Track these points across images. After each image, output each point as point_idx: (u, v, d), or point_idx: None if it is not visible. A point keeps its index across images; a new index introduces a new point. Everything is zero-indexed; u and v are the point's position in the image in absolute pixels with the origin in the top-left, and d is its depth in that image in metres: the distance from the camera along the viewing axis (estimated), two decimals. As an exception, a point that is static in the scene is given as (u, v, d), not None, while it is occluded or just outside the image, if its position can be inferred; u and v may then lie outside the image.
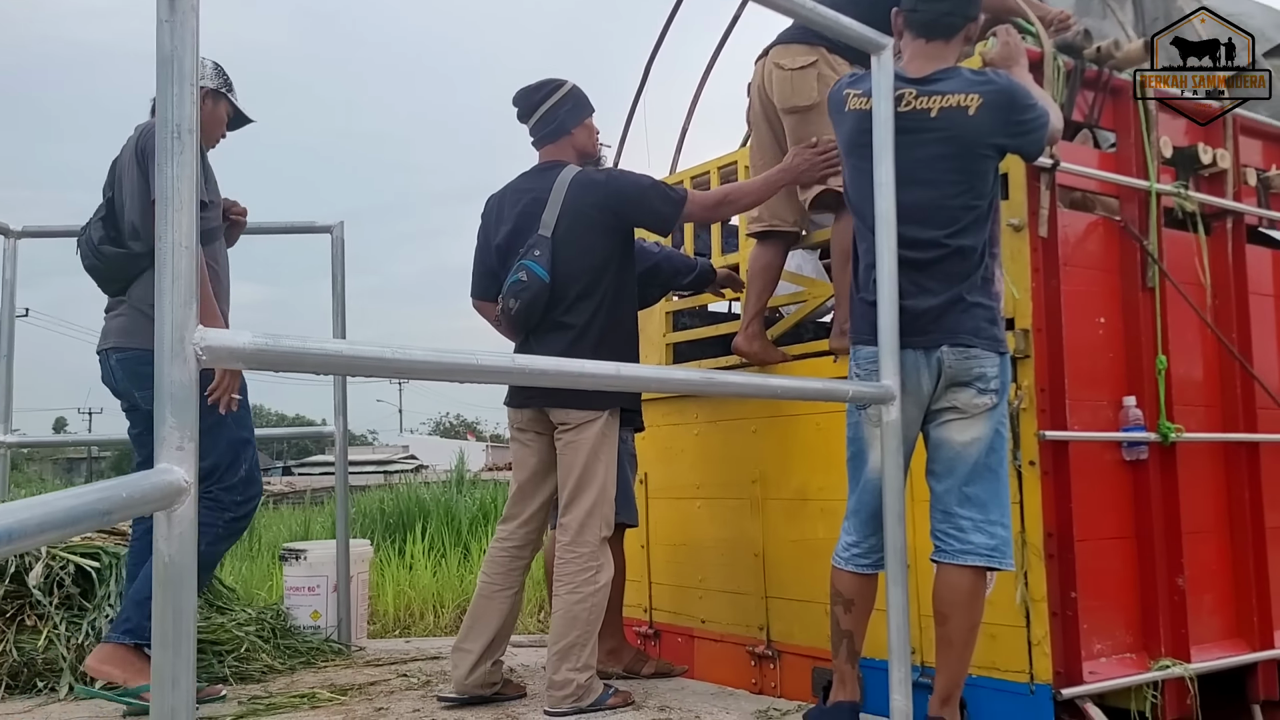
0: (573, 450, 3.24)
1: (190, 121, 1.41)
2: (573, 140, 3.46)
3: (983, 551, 2.73)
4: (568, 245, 3.28)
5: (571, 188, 3.32)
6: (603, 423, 3.24)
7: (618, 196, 3.32)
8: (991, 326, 2.79)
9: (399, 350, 1.60)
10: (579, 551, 3.19)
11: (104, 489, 1.22)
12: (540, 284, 3.23)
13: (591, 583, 3.17)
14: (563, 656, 3.13)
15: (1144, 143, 3.37)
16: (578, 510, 3.21)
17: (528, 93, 3.46)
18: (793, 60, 3.45)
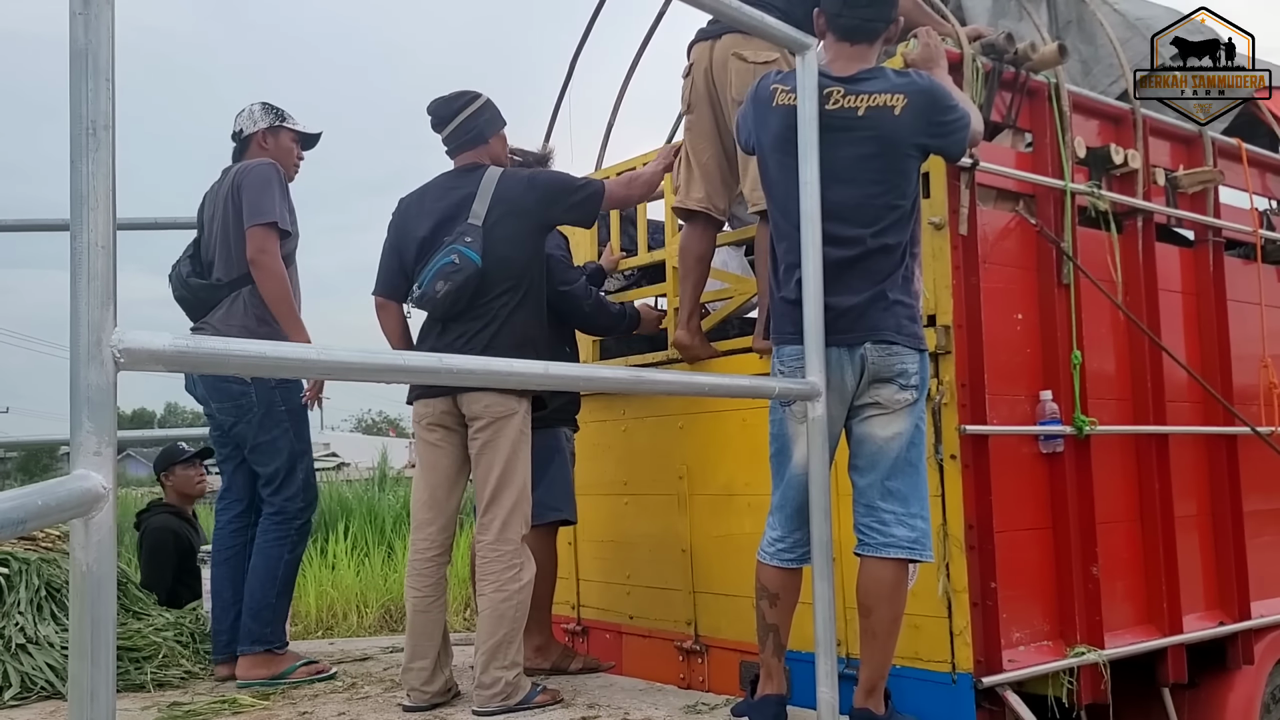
0: (491, 449, 3.21)
1: (106, 118, 1.36)
2: (489, 149, 3.48)
3: (905, 544, 2.78)
4: (498, 236, 3.28)
5: (502, 182, 3.34)
6: (520, 418, 3.22)
7: (545, 194, 3.35)
8: (912, 324, 2.84)
9: (324, 351, 1.57)
10: (503, 550, 3.17)
11: (18, 497, 1.17)
12: (473, 267, 3.21)
13: (516, 580, 3.17)
14: (491, 655, 3.11)
15: (1059, 143, 3.46)
16: (500, 509, 3.18)
17: (444, 103, 3.47)
18: (756, 54, 3.45)
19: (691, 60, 3.65)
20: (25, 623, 3.61)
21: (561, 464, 3.71)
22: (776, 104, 2.92)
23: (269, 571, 3.64)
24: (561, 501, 3.68)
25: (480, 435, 3.23)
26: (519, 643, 3.16)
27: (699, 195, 3.63)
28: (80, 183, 1.34)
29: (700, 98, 3.62)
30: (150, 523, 5.20)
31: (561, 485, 3.67)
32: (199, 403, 3.88)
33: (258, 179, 3.66)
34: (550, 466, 3.64)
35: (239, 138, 3.92)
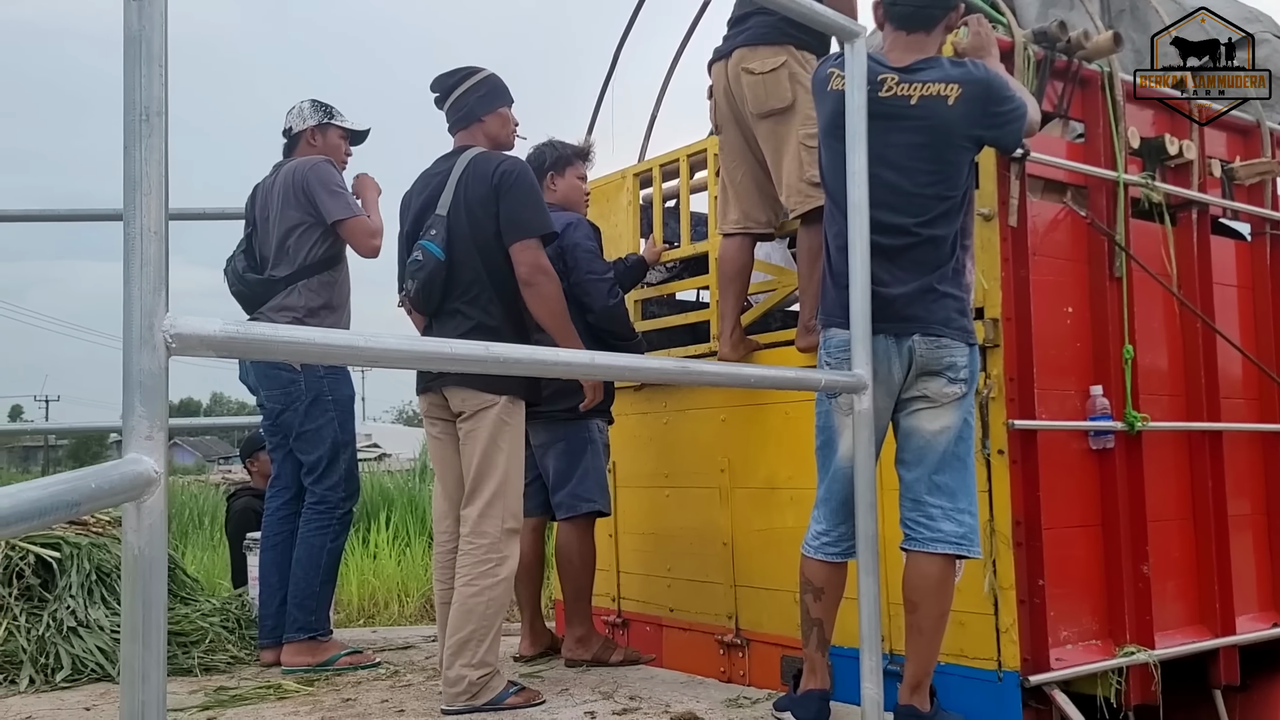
0: (472, 439, 3.15)
1: (159, 104, 1.37)
2: (484, 127, 3.39)
3: (952, 539, 2.75)
4: (460, 225, 3.21)
5: (468, 168, 3.26)
6: (499, 409, 3.13)
7: (500, 193, 3.21)
8: (961, 317, 2.81)
9: (372, 338, 1.57)
10: (477, 544, 3.09)
11: (72, 480, 1.18)
12: (435, 262, 3.16)
13: (489, 576, 3.07)
14: (456, 652, 3.03)
15: (1112, 133, 3.40)
16: (478, 501, 3.12)
17: (443, 78, 3.43)
18: (762, 64, 3.42)
19: (712, 82, 3.65)
20: (76, 606, 3.68)
21: (594, 455, 3.71)
22: (831, 88, 2.89)
23: (312, 560, 3.69)
24: (595, 493, 3.68)
25: (462, 427, 3.19)
26: (491, 641, 3.06)
27: (735, 217, 3.64)
28: (133, 168, 1.35)
29: (725, 118, 3.61)
30: (235, 505, 5.63)
31: (595, 477, 3.66)
32: (250, 391, 3.94)
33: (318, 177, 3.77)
34: (583, 458, 3.65)
35: (289, 135, 3.98)
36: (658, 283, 4.50)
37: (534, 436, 3.70)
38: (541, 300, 3.21)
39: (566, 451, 3.66)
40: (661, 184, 4.39)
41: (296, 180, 3.78)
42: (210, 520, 12.39)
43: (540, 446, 3.72)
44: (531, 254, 3.19)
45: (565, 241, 3.69)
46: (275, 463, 3.94)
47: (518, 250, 3.18)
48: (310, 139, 3.94)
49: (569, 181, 3.97)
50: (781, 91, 3.39)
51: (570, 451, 3.65)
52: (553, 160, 3.95)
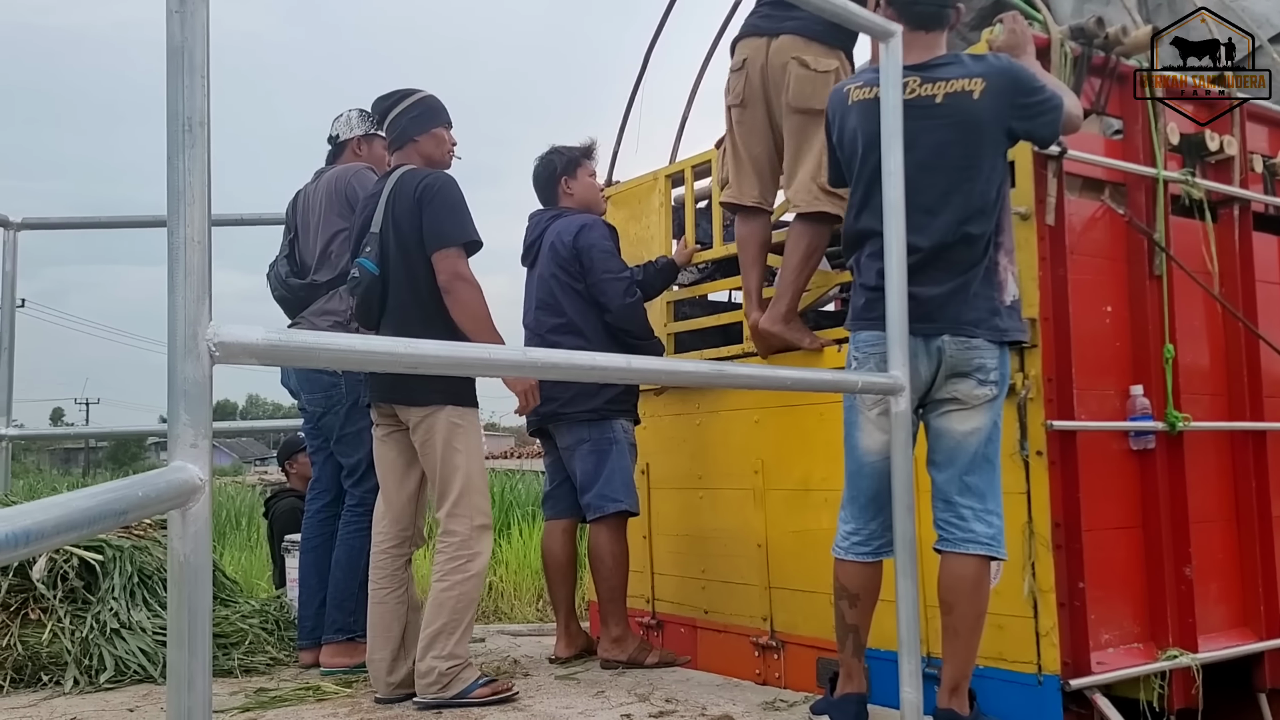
0: (429, 446, 3.24)
1: (201, 114, 1.38)
2: (418, 148, 3.43)
3: (984, 540, 2.73)
4: (393, 241, 3.29)
5: (396, 185, 3.34)
6: (445, 415, 3.22)
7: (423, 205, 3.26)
8: (993, 317, 2.78)
9: (411, 344, 1.58)
10: (448, 541, 3.20)
11: (119, 489, 1.20)
12: (370, 278, 3.26)
13: (460, 571, 3.17)
14: (429, 644, 3.14)
15: (1151, 130, 3.35)
16: (445, 503, 3.22)
17: (380, 101, 3.50)
18: (818, 61, 3.42)
19: (745, 55, 3.60)
20: (119, 608, 3.73)
21: (619, 455, 3.73)
22: (851, 102, 2.91)
23: (350, 562, 3.71)
24: (620, 493, 3.70)
25: (416, 437, 3.28)
26: (461, 634, 3.16)
27: (754, 193, 3.63)
28: (177, 179, 1.37)
29: (755, 94, 3.58)
30: (278, 507, 5.69)
31: (621, 477, 3.69)
32: (291, 395, 3.99)
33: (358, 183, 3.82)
34: (608, 459, 3.68)
35: (335, 142, 4.05)
36: (689, 284, 4.50)
37: (559, 439, 3.77)
38: (460, 307, 3.25)
39: (593, 452, 3.70)
40: (693, 185, 4.38)
41: (339, 186, 3.85)
42: (248, 521, 12.52)
43: (566, 449, 3.77)
44: (450, 262, 3.25)
45: (581, 242, 3.75)
46: (316, 465, 3.97)
47: (438, 259, 3.25)
48: (356, 148, 4.04)
49: (582, 182, 4.02)
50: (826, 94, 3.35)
51: (596, 452, 3.69)
52: (563, 165, 4.00)
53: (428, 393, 3.20)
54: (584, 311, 3.77)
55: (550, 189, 4.02)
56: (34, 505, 1.04)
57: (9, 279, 4.52)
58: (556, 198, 4.02)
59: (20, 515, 1.01)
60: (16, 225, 4.58)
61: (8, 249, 4.54)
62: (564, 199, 3.98)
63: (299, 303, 3.88)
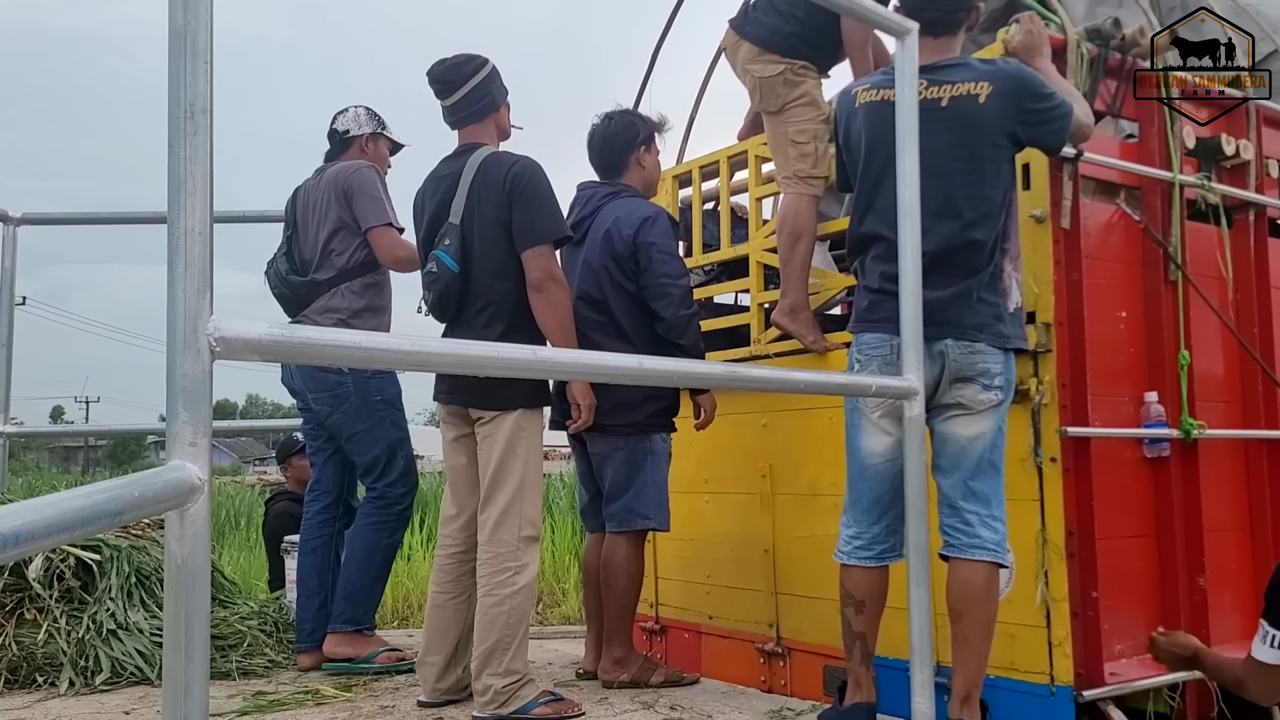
0: (489, 445, 3.09)
1: (204, 101, 1.34)
2: (498, 119, 3.27)
3: (990, 546, 2.69)
4: (477, 234, 3.11)
5: (479, 172, 3.12)
6: (517, 416, 3.07)
7: (514, 199, 3.11)
8: (997, 323, 2.74)
9: (418, 342, 1.53)
10: (494, 552, 3.03)
11: (115, 488, 1.15)
12: (450, 274, 3.08)
13: (508, 585, 3.00)
14: (484, 662, 2.99)
15: (1167, 133, 3.31)
16: (493, 508, 3.05)
17: (454, 67, 3.20)
18: (763, 69, 3.53)
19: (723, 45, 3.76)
20: (115, 609, 3.67)
21: (654, 468, 3.49)
22: (858, 104, 2.87)
23: (366, 555, 3.68)
24: (651, 509, 3.47)
25: (480, 431, 3.15)
26: (516, 649, 3.00)
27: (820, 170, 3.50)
28: (178, 167, 1.32)
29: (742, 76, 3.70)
30: (272, 509, 5.66)
31: (653, 491, 3.47)
32: (293, 395, 3.92)
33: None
34: (641, 471, 3.45)
35: (342, 137, 3.98)
36: (695, 285, 4.44)
37: (593, 445, 3.55)
38: (551, 308, 3.11)
39: (626, 462, 3.46)
40: (701, 186, 4.34)
41: (340, 183, 3.78)
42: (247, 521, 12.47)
43: (599, 456, 3.54)
44: (545, 260, 3.11)
45: (641, 238, 3.44)
46: (316, 466, 3.91)
47: (530, 256, 3.09)
48: (363, 146, 3.98)
49: (654, 158, 3.73)
50: (774, 98, 3.51)
51: (630, 462, 3.46)
52: (646, 133, 3.70)
53: (505, 396, 3.06)
54: (633, 315, 3.48)
55: (622, 157, 3.65)
56: (25, 505, 0.99)
57: (8, 274, 4.48)
58: (624, 168, 3.66)
59: (10, 516, 0.96)
60: (16, 220, 4.53)
61: (7, 244, 4.49)
62: (632, 172, 3.65)
63: (300, 300, 3.81)
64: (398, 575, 10.42)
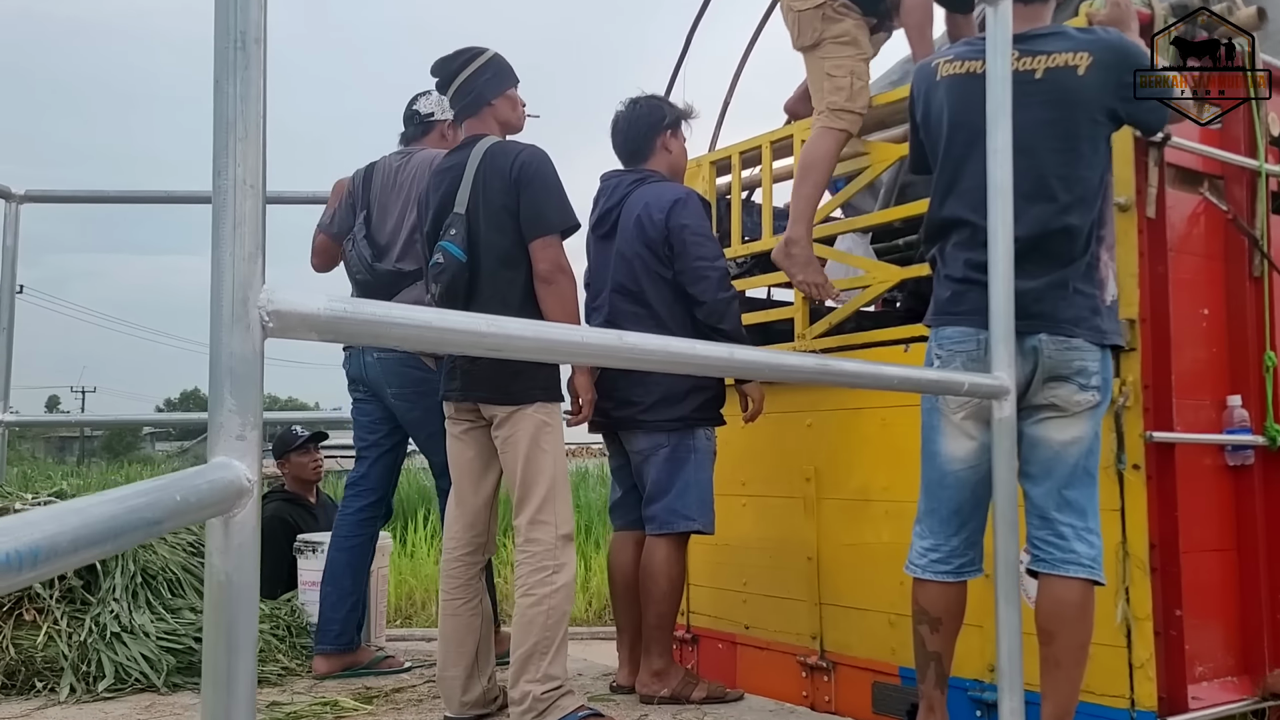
0: (512, 446, 2.93)
1: (257, 29, 1.12)
2: (494, 112, 3.15)
3: (1086, 562, 2.47)
4: (483, 223, 2.98)
5: (484, 160, 3.03)
6: (536, 409, 2.92)
7: (521, 187, 2.98)
8: (1094, 316, 2.52)
9: (494, 323, 1.32)
10: (531, 551, 2.89)
11: (151, 491, 0.94)
12: (457, 264, 2.95)
13: (547, 584, 2.85)
14: (521, 667, 2.82)
15: (1254, 119, 3.09)
16: (527, 509, 2.91)
17: (445, 62, 3.15)
18: (802, 3, 3.45)
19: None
20: (120, 610, 3.46)
21: (699, 467, 3.28)
22: (940, 77, 2.66)
23: None
24: (695, 510, 3.26)
25: (499, 433, 2.97)
26: (555, 654, 2.84)
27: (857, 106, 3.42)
28: (226, 107, 1.11)
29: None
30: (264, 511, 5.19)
31: (697, 491, 3.27)
32: (358, 385, 3.69)
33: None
34: (684, 469, 3.25)
35: (422, 120, 3.81)
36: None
37: (632, 444, 3.35)
38: (559, 300, 2.97)
39: (669, 459, 3.26)
40: (740, 173, 4.12)
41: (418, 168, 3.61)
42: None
43: (639, 453, 3.33)
44: (554, 250, 2.97)
45: (674, 221, 3.27)
46: (365, 462, 3.69)
47: (539, 247, 2.96)
48: (444, 131, 3.80)
49: (680, 144, 3.56)
50: (810, 31, 3.45)
51: (673, 460, 3.25)
52: (672, 118, 3.52)
53: (521, 388, 2.91)
54: (670, 303, 3.30)
55: (648, 142, 3.49)
56: (45, 514, 0.78)
57: (9, 254, 4.25)
58: (650, 153, 3.49)
59: (25, 528, 0.75)
60: (19, 197, 4.31)
61: (9, 222, 4.28)
62: (658, 157, 3.48)
63: (383, 289, 3.58)
64: (401, 573, 10.23)
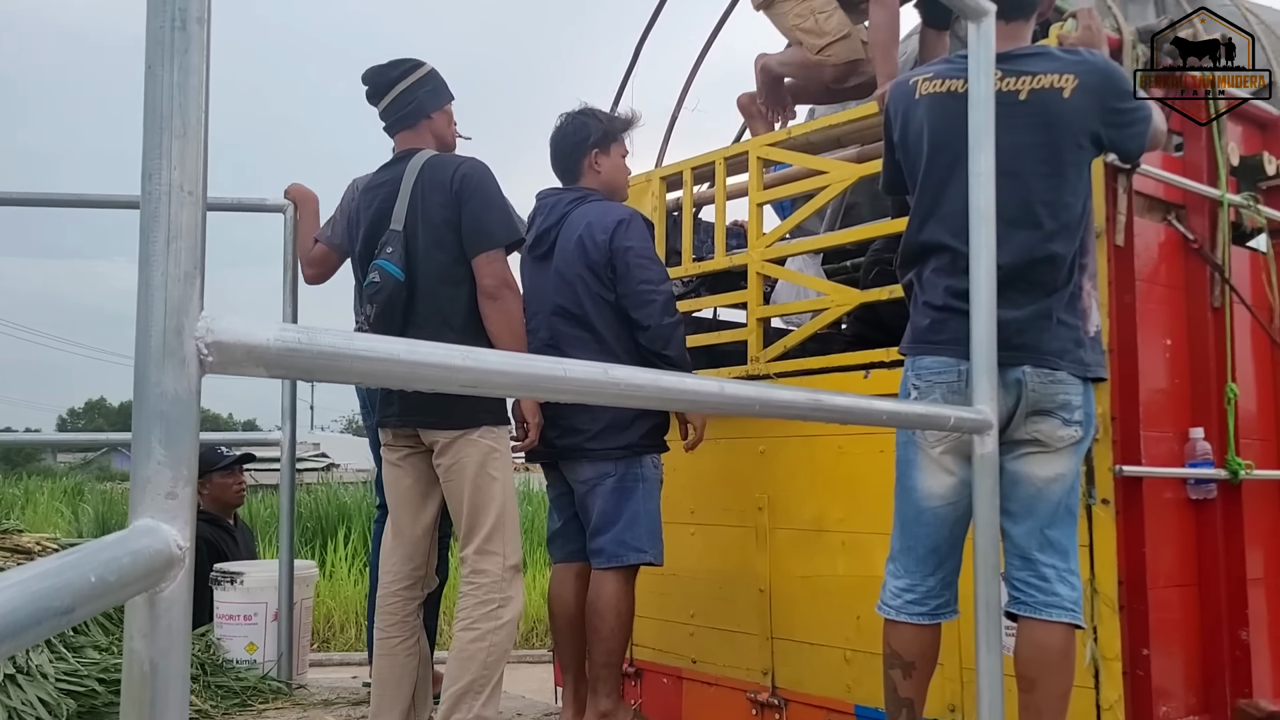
0: (457, 474, 2.81)
1: (200, 7, 0.94)
2: (432, 126, 3.05)
3: (1069, 605, 2.38)
4: (422, 239, 2.85)
5: (422, 173, 2.91)
6: (481, 434, 2.80)
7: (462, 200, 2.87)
8: (1077, 349, 2.43)
9: (470, 356, 1.15)
10: (477, 583, 2.77)
11: (59, 572, 0.75)
12: (394, 284, 2.82)
13: (492, 618, 2.74)
14: (453, 706, 2.68)
15: (1215, 147, 3.06)
16: (475, 539, 2.79)
17: (381, 70, 3.02)
18: None
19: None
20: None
21: (647, 496, 3.14)
22: (920, 95, 2.55)
23: None
24: (646, 541, 3.12)
25: (441, 460, 2.83)
26: (490, 694, 2.72)
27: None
28: (159, 98, 0.92)
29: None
30: None
31: (647, 522, 3.12)
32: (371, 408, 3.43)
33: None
34: (632, 498, 3.10)
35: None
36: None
37: (575, 473, 3.18)
38: (505, 317, 2.85)
39: (616, 490, 3.10)
40: (692, 189, 3.99)
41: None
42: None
43: (584, 483, 3.16)
44: (498, 265, 2.87)
45: (616, 244, 3.12)
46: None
47: (483, 262, 2.85)
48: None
49: (614, 160, 3.33)
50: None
51: (620, 490, 3.10)
52: (599, 135, 3.30)
53: (466, 412, 2.76)
54: (615, 327, 3.15)
55: (575, 160, 3.31)
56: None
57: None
58: (579, 173, 3.32)
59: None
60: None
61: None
62: (588, 176, 3.30)
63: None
64: (319, 595, 9.87)
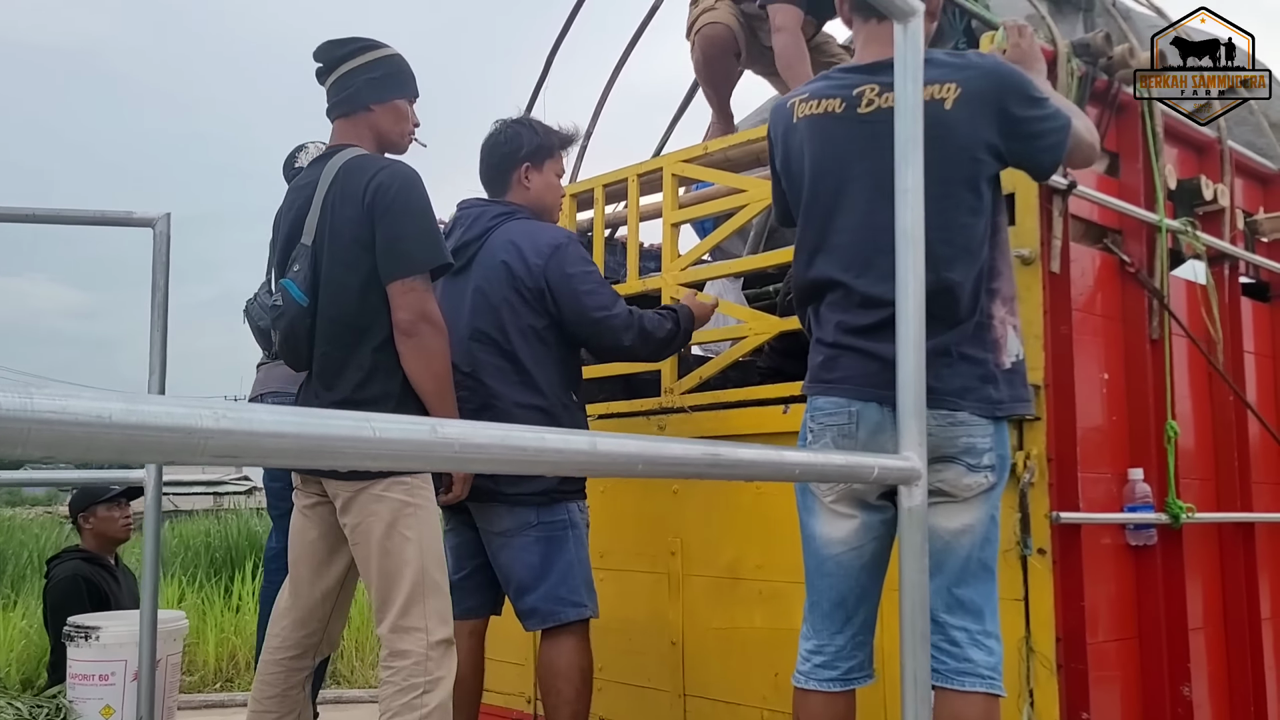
0: (363, 535, 2.42)
1: None
2: (370, 120, 2.61)
3: (984, 673, 2.13)
4: (327, 259, 2.48)
5: (337, 178, 2.51)
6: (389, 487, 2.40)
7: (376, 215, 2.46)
8: (984, 385, 2.17)
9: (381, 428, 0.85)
10: (396, 667, 2.35)
11: None
12: (296, 309, 2.46)
13: (415, 708, 2.31)
14: None
15: (1152, 170, 2.88)
16: (390, 613, 2.39)
17: (332, 46, 2.61)
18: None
19: None
20: None
21: (577, 545, 2.86)
22: (798, 118, 2.30)
23: None
24: (583, 594, 2.84)
25: (346, 520, 2.44)
26: None
27: None
28: None
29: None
30: (57, 572, 4.30)
31: (580, 572, 2.84)
32: None
33: None
34: (562, 550, 2.81)
35: None
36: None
37: (488, 522, 2.86)
38: (424, 357, 2.44)
39: (542, 541, 2.79)
40: (604, 208, 3.73)
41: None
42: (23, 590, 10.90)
43: (502, 534, 2.83)
44: (417, 296, 2.43)
45: (554, 273, 2.83)
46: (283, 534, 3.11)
47: (398, 291, 2.42)
48: None
49: (547, 179, 3.03)
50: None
51: (546, 540, 2.79)
52: (532, 148, 3.01)
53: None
54: (540, 359, 2.84)
55: (503, 171, 3.03)
56: None
57: None
58: (505, 187, 3.03)
59: None
60: None
61: None
62: (516, 191, 3.02)
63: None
64: (224, 630, 9.33)
